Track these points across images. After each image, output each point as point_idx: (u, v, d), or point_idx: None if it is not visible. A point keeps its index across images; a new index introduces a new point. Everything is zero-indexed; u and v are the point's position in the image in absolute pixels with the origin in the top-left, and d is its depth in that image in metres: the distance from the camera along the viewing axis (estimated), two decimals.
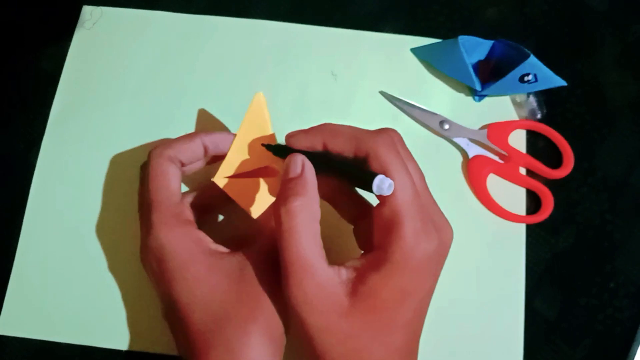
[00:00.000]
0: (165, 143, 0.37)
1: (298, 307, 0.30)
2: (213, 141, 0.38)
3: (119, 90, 0.47)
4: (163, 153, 0.37)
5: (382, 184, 0.28)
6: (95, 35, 0.49)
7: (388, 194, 0.29)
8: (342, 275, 0.31)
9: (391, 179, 0.29)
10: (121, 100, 0.47)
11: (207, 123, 0.46)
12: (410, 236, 0.29)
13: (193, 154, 0.38)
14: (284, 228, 0.30)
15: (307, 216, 0.30)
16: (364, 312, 0.30)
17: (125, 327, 0.42)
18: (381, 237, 0.31)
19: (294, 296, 0.30)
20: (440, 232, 0.31)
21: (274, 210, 0.31)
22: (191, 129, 0.46)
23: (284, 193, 0.31)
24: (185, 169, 0.39)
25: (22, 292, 0.43)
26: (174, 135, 0.42)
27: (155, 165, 0.36)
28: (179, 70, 0.48)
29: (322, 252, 0.31)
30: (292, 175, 0.31)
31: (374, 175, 0.29)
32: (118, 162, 0.45)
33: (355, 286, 0.30)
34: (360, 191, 0.38)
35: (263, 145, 0.37)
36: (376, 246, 0.31)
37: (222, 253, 0.35)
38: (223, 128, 0.46)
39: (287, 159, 0.33)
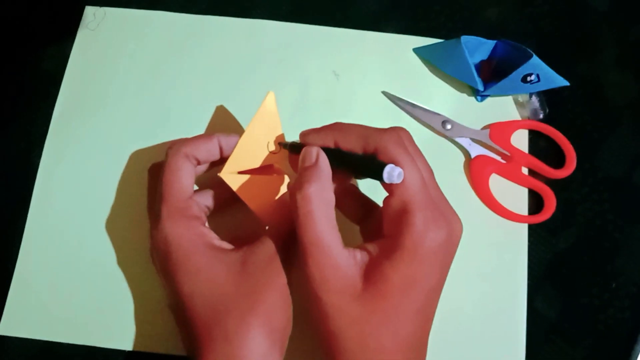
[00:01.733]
0: (184, 140, 0.38)
1: (315, 286, 0.32)
2: (228, 143, 0.38)
3: (121, 90, 0.47)
4: (180, 150, 0.37)
5: (393, 171, 0.30)
6: (98, 36, 0.49)
7: (398, 182, 0.31)
8: (357, 257, 0.32)
9: None
10: (123, 100, 0.47)
11: (217, 122, 0.46)
12: (420, 224, 0.31)
13: (209, 153, 0.38)
14: (301, 212, 0.32)
15: (322, 201, 0.32)
16: (374, 296, 0.31)
17: (127, 327, 0.42)
18: (391, 227, 0.32)
19: (312, 275, 0.32)
20: (449, 223, 0.32)
21: (290, 196, 0.33)
22: (194, 127, 0.46)
23: (299, 180, 0.33)
24: (198, 168, 0.39)
25: (25, 292, 0.42)
26: (176, 135, 0.42)
27: (171, 160, 0.37)
28: (181, 71, 0.48)
29: (338, 235, 0.32)
30: (307, 164, 0.33)
31: (385, 164, 0.30)
32: (120, 163, 0.45)
33: (368, 270, 0.32)
34: (364, 188, 0.39)
35: (280, 144, 0.38)
36: (386, 235, 0.32)
37: (226, 249, 0.36)
38: (233, 127, 0.46)
39: (303, 150, 0.34)
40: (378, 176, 0.30)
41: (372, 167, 0.31)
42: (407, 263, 0.31)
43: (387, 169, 0.30)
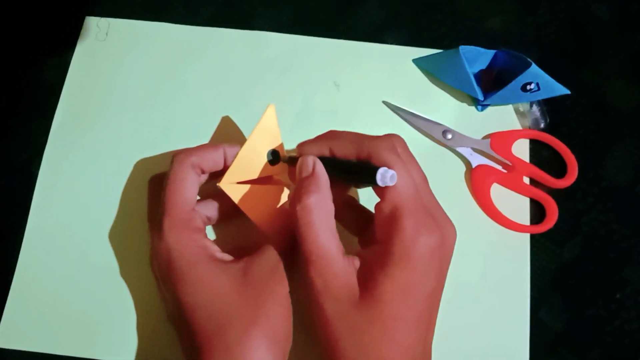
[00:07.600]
0: (190, 150, 0.38)
1: (317, 294, 0.32)
2: (233, 154, 0.38)
3: (122, 101, 0.47)
4: (186, 159, 0.37)
5: (386, 173, 0.31)
6: (99, 46, 0.49)
7: (391, 184, 0.31)
8: (355, 265, 0.32)
9: None
10: (123, 111, 0.47)
11: (221, 133, 0.46)
12: (410, 228, 0.31)
13: (214, 164, 0.38)
14: (302, 223, 0.32)
15: (322, 211, 0.32)
16: (371, 304, 0.31)
17: (127, 338, 0.41)
18: (382, 232, 0.32)
19: (313, 283, 0.32)
20: (441, 228, 0.32)
21: (291, 207, 0.33)
22: (195, 138, 0.46)
23: (298, 191, 0.33)
24: (201, 177, 0.39)
25: (23, 303, 0.42)
26: (176, 146, 0.42)
27: (177, 170, 0.37)
28: (182, 82, 0.48)
29: (339, 244, 0.33)
30: (304, 174, 0.34)
31: (377, 167, 0.31)
32: (120, 173, 0.45)
33: (364, 277, 0.32)
34: (362, 196, 0.38)
35: (273, 153, 0.39)
36: (378, 241, 0.33)
37: (227, 261, 0.36)
38: (236, 138, 0.46)
39: (299, 160, 0.35)
40: (372, 179, 0.31)
41: (366, 170, 0.32)
42: (399, 270, 0.30)
43: (381, 170, 0.31)
